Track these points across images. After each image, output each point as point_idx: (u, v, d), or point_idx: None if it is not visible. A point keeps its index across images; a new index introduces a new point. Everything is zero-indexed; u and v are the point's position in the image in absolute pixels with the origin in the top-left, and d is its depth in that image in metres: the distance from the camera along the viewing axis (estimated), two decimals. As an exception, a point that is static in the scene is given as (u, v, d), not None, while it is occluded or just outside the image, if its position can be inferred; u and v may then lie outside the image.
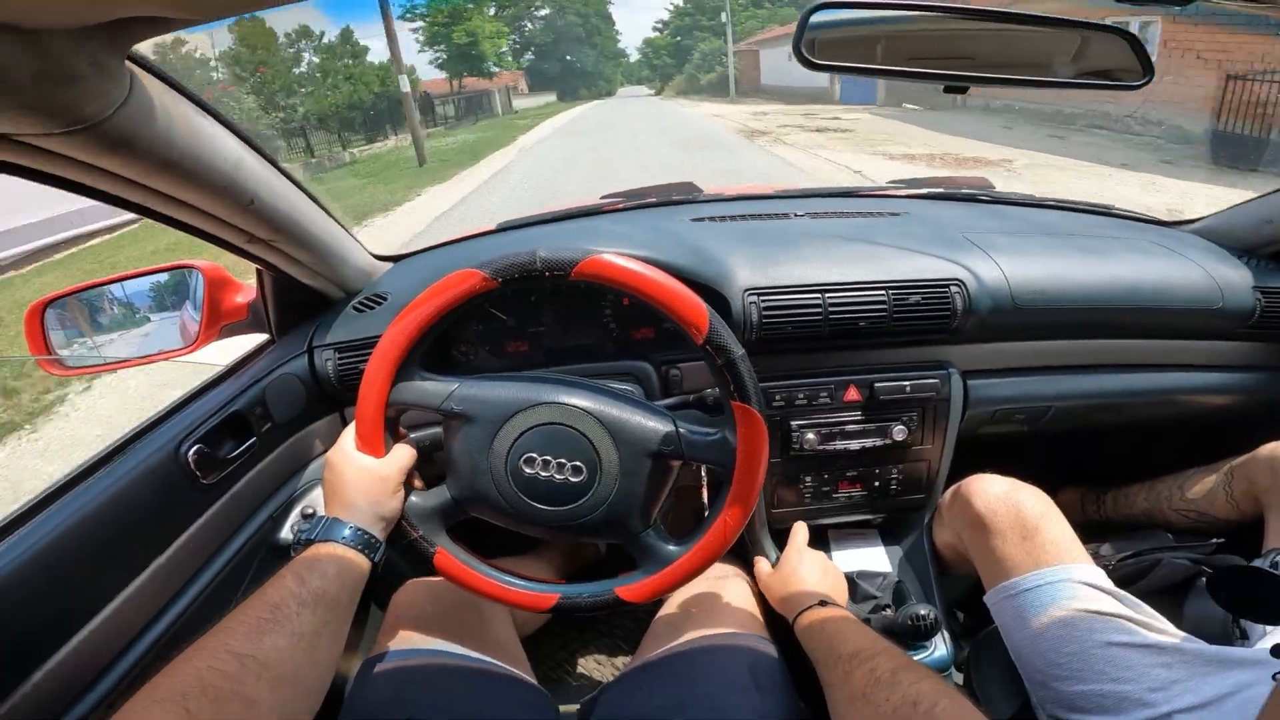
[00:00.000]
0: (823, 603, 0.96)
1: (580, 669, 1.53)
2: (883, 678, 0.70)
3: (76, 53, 0.47)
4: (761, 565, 1.15)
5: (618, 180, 8.14)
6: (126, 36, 0.50)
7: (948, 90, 0.75)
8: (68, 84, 0.48)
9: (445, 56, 43.26)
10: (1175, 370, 1.26)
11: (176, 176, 0.68)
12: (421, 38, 43.68)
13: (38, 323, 0.96)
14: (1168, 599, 1.04)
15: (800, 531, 1.18)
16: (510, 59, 56.25)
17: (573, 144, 17.35)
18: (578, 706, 0.99)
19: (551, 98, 57.44)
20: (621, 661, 1.53)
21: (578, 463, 0.82)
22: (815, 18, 0.73)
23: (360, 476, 0.80)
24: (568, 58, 63.90)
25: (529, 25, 61.75)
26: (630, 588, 0.85)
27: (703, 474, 1.11)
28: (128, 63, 0.55)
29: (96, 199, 0.67)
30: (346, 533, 0.75)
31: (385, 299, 1.12)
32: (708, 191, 1.54)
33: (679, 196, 1.50)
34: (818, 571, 1.07)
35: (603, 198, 1.53)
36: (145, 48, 0.55)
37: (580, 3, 63.48)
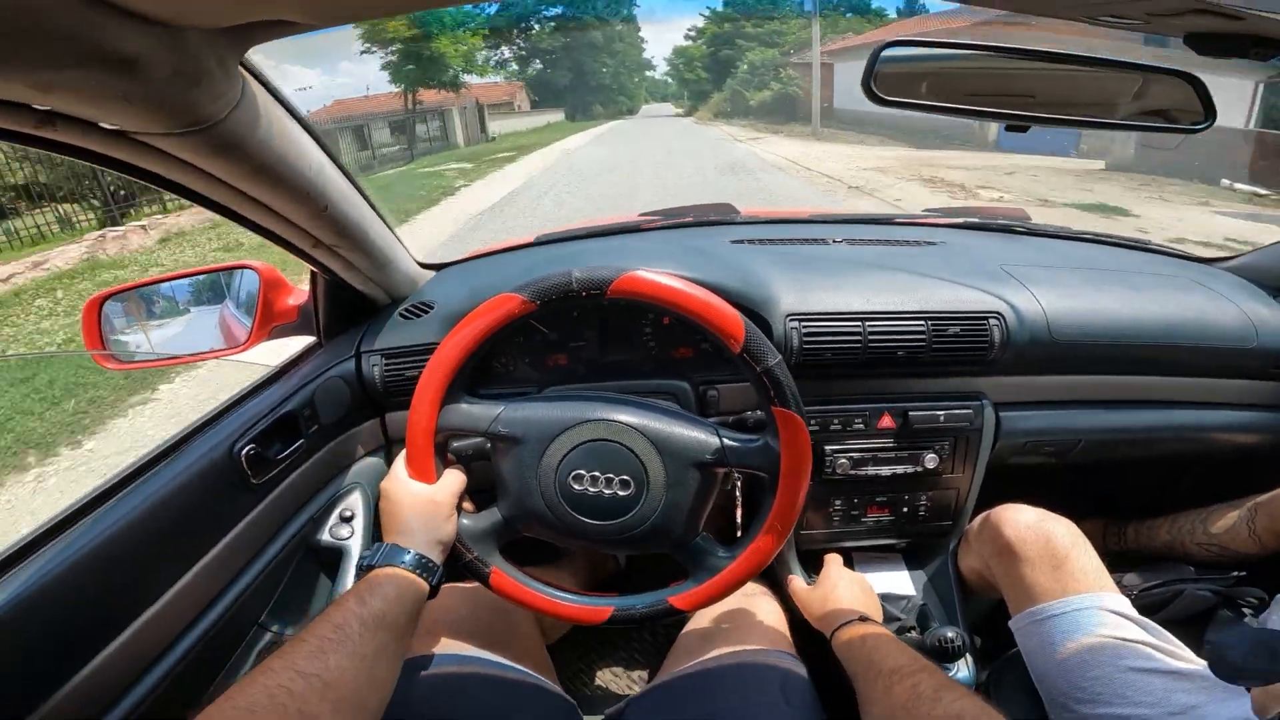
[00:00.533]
0: (862, 619, 0.97)
1: (598, 680, 1.53)
2: (925, 693, 0.71)
3: (209, 52, 0.49)
4: (797, 582, 1.16)
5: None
6: (248, 39, 0.52)
7: (1009, 129, 0.77)
8: (195, 83, 0.50)
9: (396, 60, 27.19)
10: (1205, 408, 1.27)
11: (267, 181, 0.69)
12: (359, 34, 26.20)
13: (95, 316, 0.97)
14: (1189, 628, 1.06)
15: (837, 557, 1.20)
16: (501, 66, 43.60)
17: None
18: (603, 718, 1.00)
19: (557, 116, 45.69)
20: (639, 674, 1.53)
21: (625, 476, 0.83)
22: (885, 53, 0.75)
23: (415, 503, 0.82)
24: (583, 68, 50.87)
25: (535, 28, 47.80)
26: (682, 596, 0.86)
27: (737, 493, 1.13)
28: (240, 67, 0.57)
29: (186, 197, 0.68)
30: (407, 558, 0.77)
31: (431, 307, 1.14)
32: (744, 213, 1.56)
33: (716, 217, 1.52)
34: (856, 590, 1.09)
35: (640, 215, 1.54)
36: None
37: (600, 1, 49.90)
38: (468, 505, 0.91)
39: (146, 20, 0.43)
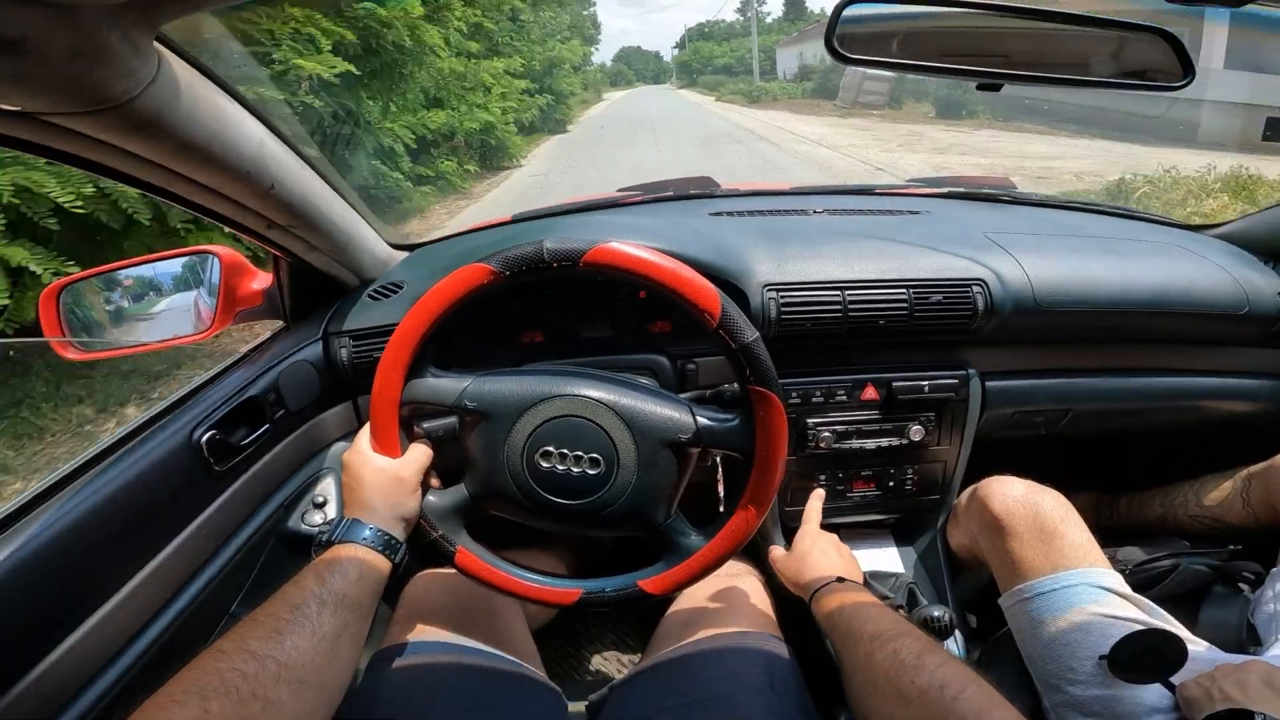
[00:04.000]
0: (840, 580, 0.94)
1: (588, 665, 1.53)
2: (907, 660, 0.68)
3: (110, 29, 0.46)
4: (777, 550, 1.13)
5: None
6: (157, 14, 0.49)
7: (981, 88, 0.74)
8: (98, 61, 0.48)
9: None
10: (1196, 375, 1.25)
11: (199, 159, 0.67)
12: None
13: (53, 305, 0.96)
14: (1184, 604, 1.03)
15: (815, 506, 1.14)
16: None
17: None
18: (586, 704, 0.99)
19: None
20: (629, 658, 1.52)
21: (594, 455, 0.81)
22: (848, 11, 0.72)
23: (377, 477, 0.79)
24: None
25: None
26: (653, 580, 0.84)
27: (718, 473, 1.11)
28: (156, 43, 0.54)
29: (116, 180, 0.66)
30: (367, 534, 0.74)
31: (400, 287, 1.12)
32: (725, 187, 1.54)
33: (696, 190, 1.50)
34: (831, 552, 1.05)
35: (619, 190, 1.52)
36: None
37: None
38: (435, 482, 0.88)
39: (29, 1, 0.40)
